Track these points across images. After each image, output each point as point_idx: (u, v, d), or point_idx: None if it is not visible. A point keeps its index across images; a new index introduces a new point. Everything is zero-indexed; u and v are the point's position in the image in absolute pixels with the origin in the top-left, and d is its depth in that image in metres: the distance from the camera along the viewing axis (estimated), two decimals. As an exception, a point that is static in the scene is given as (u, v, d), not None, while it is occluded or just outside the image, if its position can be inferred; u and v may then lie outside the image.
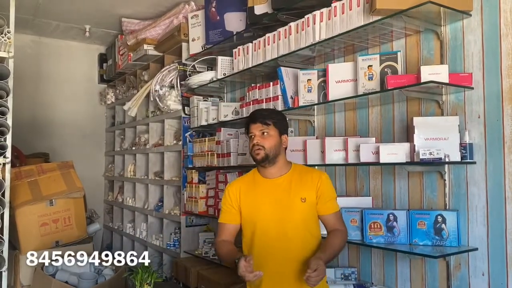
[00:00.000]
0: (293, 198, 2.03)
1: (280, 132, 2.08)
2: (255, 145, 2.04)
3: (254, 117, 2.09)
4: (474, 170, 2.15)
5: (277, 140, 2.06)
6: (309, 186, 2.04)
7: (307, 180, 2.06)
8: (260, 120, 2.06)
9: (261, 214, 2.05)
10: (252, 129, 2.07)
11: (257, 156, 2.04)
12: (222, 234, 2.14)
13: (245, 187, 2.14)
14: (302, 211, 2.02)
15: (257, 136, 2.05)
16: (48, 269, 2.73)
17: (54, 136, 5.40)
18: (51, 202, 3.24)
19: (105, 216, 5.76)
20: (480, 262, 2.13)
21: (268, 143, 2.03)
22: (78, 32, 5.20)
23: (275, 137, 2.06)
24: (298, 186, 2.05)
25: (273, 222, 2.02)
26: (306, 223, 2.04)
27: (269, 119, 2.06)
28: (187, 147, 3.83)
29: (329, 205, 2.05)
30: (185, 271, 3.59)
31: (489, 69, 2.10)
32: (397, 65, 2.33)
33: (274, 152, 2.05)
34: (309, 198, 2.03)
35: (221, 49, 3.58)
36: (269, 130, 2.05)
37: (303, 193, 2.03)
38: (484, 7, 2.13)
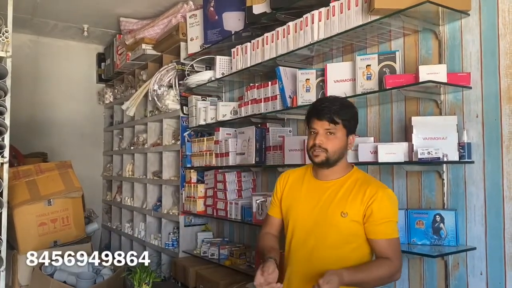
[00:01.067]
0: (333, 210, 1.76)
1: (348, 132, 1.79)
2: (316, 146, 1.75)
3: (321, 112, 1.75)
4: (472, 169, 2.15)
5: (343, 142, 1.78)
6: (358, 200, 1.74)
7: (360, 192, 1.75)
8: (327, 117, 1.74)
9: (298, 217, 1.85)
10: (316, 124, 1.77)
11: (316, 158, 1.77)
12: (267, 226, 2.00)
13: (294, 181, 1.93)
14: (338, 227, 1.74)
15: (320, 135, 1.75)
16: (47, 269, 2.73)
17: (52, 136, 5.39)
18: (49, 202, 3.24)
19: (104, 216, 5.75)
20: (478, 262, 2.13)
21: (332, 145, 1.75)
22: (76, 31, 5.19)
23: (342, 138, 1.77)
24: (345, 197, 1.76)
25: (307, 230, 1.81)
26: (339, 241, 1.75)
27: (339, 116, 1.74)
28: (186, 147, 3.83)
29: (380, 229, 1.71)
30: (183, 270, 3.59)
31: (487, 68, 2.11)
32: (396, 65, 2.33)
33: (338, 156, 1.78)
34: (352, 214, 1.73)
35: (219, 49, 3.58)
36: (336, 131, 1.75)
37: (347, 206, 1.74)
38: (482, 7, 2.14)
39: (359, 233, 1.75)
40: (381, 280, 1.69)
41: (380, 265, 1.71)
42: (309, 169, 1.93)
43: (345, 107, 1.80)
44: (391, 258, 1.71)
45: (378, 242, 1.72)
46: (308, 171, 1.92)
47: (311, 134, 1.80)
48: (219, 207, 3.43)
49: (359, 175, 1.84)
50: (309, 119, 1.81)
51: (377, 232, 1.72)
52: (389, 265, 1.70)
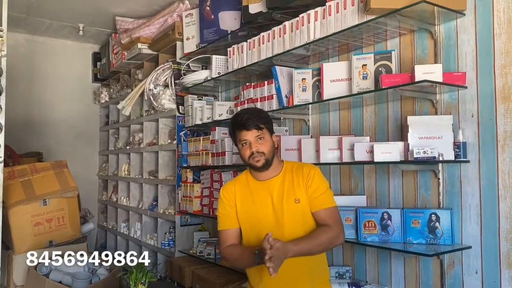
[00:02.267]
0: (287, 200, 1.97)
1: (271, 133, 2.04)
2: (255, 153, 1.95)
3: (247, 124, 1.96)
4: (468, 169, 2.16)
5: (271, 142, 2.02)
6: (300, 184, 1.98)
7: (298, 178, 1.99)
8: (254, 126, 1.96)
9: (259, 220, 2.00)
10: (245, 136, 1.97)
11: (258, 163, 1.96)
12: (226, 241, 2.05)
13: (241, 191, 2.07)
14: (297, 212, 1.96)
15: (254, 143, 1.96)
16: (42, 269, 2.72)
17: (48, 136, 5.37)
18: (44, 201, 3.22)
19: (99, 216, 5.74)
20: (473, 260, 2.14)
21: (266, 147, 1.97)
22: (72, 30, 5.17)
23: (269, 139, 2.01)
24: (290, 186, 1.99)
25: (271, 226, 1.95)
26: (303, 224, 1.97)
27: (261, 122, 1.98)
28: (182, 146, 3.82)
29: (319, 200, 1.96)
30: (179, 270, 3.58)
31: (483, 68, 2.11)
32: (391, 64, 2.34)
33: (272, 155, 2.00)
34: (302, 198, 1.97)
35: (215, 48, 3.57)
36: (263, 134, 1.98)
37: (296, 193, 1.97)
38: (477, 6, 2.14)
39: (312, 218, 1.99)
40: (323, 245, 1.90)
41: (320, 232, 1.91)
42: (248, 175, 2.11)
43: (260, 113, 2.08)
44: (330, 224, 1.92)
45: (319, 212, 1.96)
46: (248, 177, 2.10)
47: (243, 146, 2.00)
48: (215, 206, 3.42)
49: (291, 165, 2.08)
50: (237, 133, 2.01)
51: (317, 204, 1.96)
52: (329, 231, 1.91)
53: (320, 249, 1.91)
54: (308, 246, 1.85)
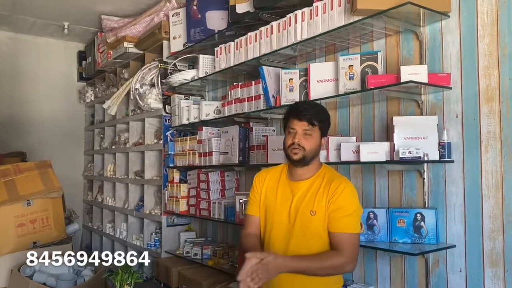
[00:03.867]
0: (304, 209, 1.89)
1: (322, 134, 1.93)
2: (295, 144, 1.87)
3: (300, 114, 1.89)
4: (452, 168, 2.19)
5: (318, 143, 1.91)
6: (324, 196, 1.86)
7: (324, 190, 1.87)
8: (307, 119, 1.87)
9: (273, 217, 1.96)
10: (295, 125, 1.89)
11: (295, 156, 1.88)
12: (248, 226, 2.04)
13: (270, 181, 2.03)
14: (309, 224, 1.86)
15: (299, 135, 1.88)
16: (25, 270, 2.68)
17: (32, 135, 5.29)
18: (28, 202, 3.17)
19: (84, 216, 5.68)
20: (457, 259, 2.17)
21: (309, 145, 1.88)
22: (56, 29, 5.11)
23: (317, 139, 1.91)
24: (313, 196, 1.89)
25: (282, 228, 1.92)
26: (312, 238, 1.87)
27: (316, 119, 1.89)
28: (168, 146, 3.80)
29: (339, 222, 1.82)
30: (166, 271, 3.56)
31: (467, 69, 2.14)
32: (378, 65, 2.36)
33: (313, 155, 1.91)
34: (319, 211, 1.85)
35: (202, 48, 3.56)
36: (313, 132, 1.89)
37: (315, 204, 1.87)
38: (462, 8, 2.17)
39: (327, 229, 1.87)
40: (326, 270, 1.80)
41: (328, 256, 1.81)
42: (284, 169, 2.04)
43: (322, 111, 1.96)
44: (343, 251, 1.79)
45: (335, 234, 1.83)
46: (283, 172, 2.03)
47: (289, 133, 1.92)
48: (202, 206, 3.42)
49: (327, 173, 1.96)
50: (288, 119, 1.94)
51: (336, 225, 1.83)
52: (338, 257, 1.79)
53: (322, 273, 1.82)
54: (308, 266, 1.78)
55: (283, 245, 1.90)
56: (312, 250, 1.86)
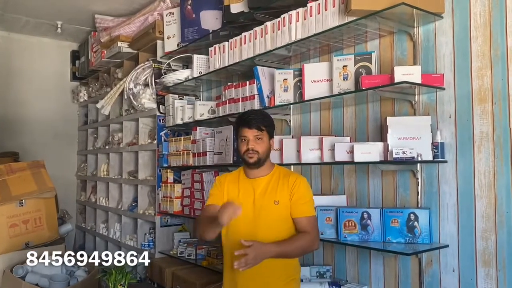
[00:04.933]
0: (267, 200, 2.11)
1: (270, 136, 2.18)
2: (249, 150, 2.11)
3: (250, 122, 2.13)
4: (446, 169, 2.20)
5: (268, 145, 2.17)
6: (284, 189, 2.11)
7: (284, 183, 2.12)
8: (255, 126, 2.12)
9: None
10: (246, 133, 2.13)
11: (250, 159, 2.12)
12: (206, 213, 2.17)
13: (230, 183, 2.23)
14: (274, 213, 2.09)
15: (251, 141, 2.12)
16: (18, 271, 2.66)
17: (24, 135, 5.25)
18: (21, 202, 3.16)
19: (78, 217, 5.65)
20: (450, 259, 2.18)
21: (261, 148, 2.13)
22: (50, 28, 5.07)
23: (267, 142, 2.16)
24: (274, 188, 2.13)
25: (246, 221, 2.08)
26: (277, 224, 2.10)
27: (263, 125, 2.14)
28: (162, 146, 3.79)
29: (302, 208, 2.10)
30: (160, 271, 3.55)
31: (460, 70, 2.16)
32: (371, 66, 2.36)
33: (266, 156, 2.16)
34: (282, 201, 2.10)
35: (197, 47, 3.56)
36: (262, 136, 2.14)
37: (277, 195, 2.10)
38: (455, 10, 2.19)
39: (289, 216, 2.11)
40: (301, 249, 2.08)
41: (300, 238, 2.07)
42: (241, 171, 2.26)
43: (266, 117, 2.21)
44: (309, 231, 2.07)
45: (300, 219, 2.10)
46: (241, 173, 2.25)
47: (242, 141, 2.16)
48: (196, 207, 3.41)
49: (281, 170, 2.22)
50: (239, 129, 2.18)
51: (299, 211, 2.10)
52: (308, 237, 2.06)
53: (297, 252, 2.10)
54: (288, 249, 2.01)
55: (249, 235, 2.05)
56: (280, 233, 2.08)
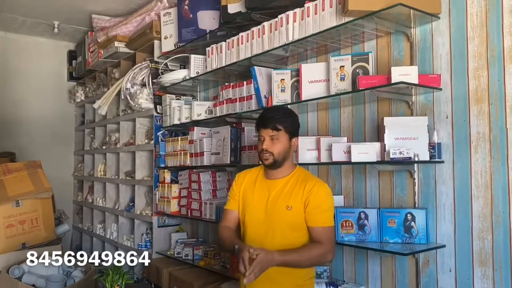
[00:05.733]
0: (280, 204, 2.02)
1: (290, 136, 2.05)
2: (264, 151, 2.01)
3: (265, 121, 2.03)
4: (442, 169, 2.21)
5: (286, 145, 2.03)
6: (300, 194, 2.00)
7: (300, 188, 2.01)
8: (271, 126, 2.01)
9: (251, 213, 2.09)
10: (262, 132, 2.04)
11: (266, 161, 2.04)
12: (226, 220, 2.18)
13: (248, 180, 2.17)
14: (285, 219, 2.00)
15: (267, 141, 2.02)
16: (14, 271, 2.65)
17: (21, 135, 5.24)
18: (17, 202, 3.14)
19: (75, 217, 5.64)
20: (447, 259, 2.19)
21: (277, 149, 2.01)
22: (46, 28, 5.06)
23: (285, 142, 2.03)
24: (289, 192, 2.02)
25: (257, 225, 2.06)
26: (288, 231, 2.00)
27: (280, 123, 2.01)
28: (159, 146, 3.78)
29: (317, 218, 1.97)
30: (157, 272, 3.55)
31: (457, 70, 2.16)
32: (368, 66, 2.37)
33: (283, 157, 2.04)
34: (295, 206, 1.99)
35: (194, 48, 3.55)
36: (279, 136, 2.02)
37: (291, 200, 2.00)
38: (452, 10, 2.19)
39: (302, 223, 2.01)
40: (312, 260, 1.96)
41: (311, 248, 1.95)
42: (261, 170, 2.19)
43: (286, 115, 2.08)
44: (323, 242, 1.94)
45: (314, 229, 1.97)
46: (260, 172, 2.18)
47: (259, 140, 2.07)
48: (194, 207, 3.41)
49: (300, 173, 2.10)
50: (257, 128, 2.10)
51: (314, 220, 1.97)
52: (320, 248, 1.94)
53: (308, 264, 1.98)
54: (296, 259, 1.90)
55: (260, 238, 2.01)
56: (290, 240, 1.99)
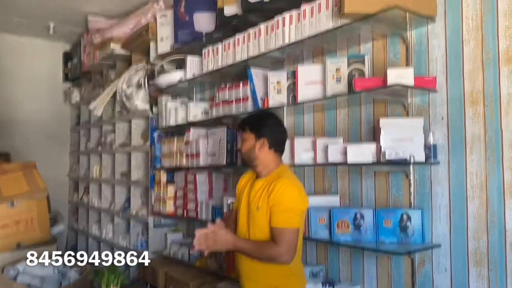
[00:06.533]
0: (254, 204, 2.10)
1: (257, 135, 2.14)
2: (238, 151, 2.22)
3: (239, 124, 2.24)
4: (438, 170, 2.23)
5: (251, 145, 2.14)
6: (266, 194, 2.05)
7: (269, 188, 2.06)
8: (241, 127, 2.21)
9: (240, 212, 2.21)
10: (239, 135, 2.23)
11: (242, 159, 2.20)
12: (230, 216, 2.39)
13: (246, 181, 2.27)
14: (256, 218, 2.08)
15: (240, 142, 2.24)
16: (9, 272, 2.64)
17: (16, 136, 5.23)
18: (12, 203, 3.13)
19: (70, 217, 5.63)
20: (443, 258, 2.20)
21: (244, 148, 2.18)
22: (42, 29, 5.04)
23: (251, 142, 2.14)
24: (260, 192, 2.09)
25: (243, 219, 2.17)
26: (256, 231, 2.08)
27: (246, 124, 2.18)
28: (155, 147, 3.78)
29: (273, 218, 2.01)
30: (152, 272, 3.54)
31: (452, 73, 2.19)
32: (365, 68, 2.38)
33: (249, 156, 2.17)
34: (263, 207, 2.05)
35: (190, 49, 3.55)
36: (246, 136, 2.17)
37: (260, 201, 2.07)
38: (447, 13, 2.22)
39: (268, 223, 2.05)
40: (261, 256, 2.01)
41: (265, 246, 2.01)
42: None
43: (255, 117, 2.24)
44: (277, 243, 1.98)
45: (271, 228, 2.03)
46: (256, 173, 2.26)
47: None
48: (190, 207, 3.41)
49: (279, 173, 2.12)
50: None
51: (271, 220, 2.02)
52: (273, 249, 1.98)
53: (258, 258, 2.03)
54: (248, 249, 2.03)
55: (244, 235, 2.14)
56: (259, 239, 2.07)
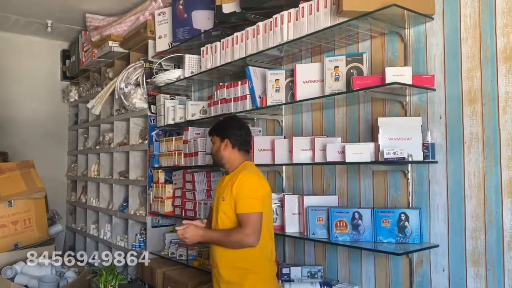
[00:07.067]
0: (220, 196, 2.28)
1: (221, 138, 2.34)
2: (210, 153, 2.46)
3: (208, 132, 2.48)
4: (436, 169, 2.22)
5: (218, 146, 2.35)
6: (230, 186, 2.22)
7: (232, 181, 2.23)
8: (209, 132, 2.46)
9: (213, 205, 2.42)
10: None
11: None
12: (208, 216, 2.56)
13: (221, 180, 2.41)
14: (222, 209, 2.25)
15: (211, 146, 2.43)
16: (7, 272, 2.64)
17: (14, 135, 5.20)
18: (10, 203, 3.12)
19: (68, 217, 5.61)
20: (441, 258, 2.20)
21: (213, 150, 2.41)
22: (40, 27, 5.03)
23: (217, 144, 2.36)
24: (226, 186, 2.27)
25: (215, 213, 2.33)
26: (225, 220, 2.24)
27: (213, 130, 2.41)
28: (153, 146, 3.77)
29: (237, 205, 2.18)
30: (150, 272, 3.53)
31: (450, 71, 2.17)
32: (363, 66, 2.37)
33: (217, 157, 2.38)
34: (227, 198, 2.22)
35: (188, 47, 3.55)
36: (214, 140, 2.39)
37: (225, 192, 2.24)
38: (445, 11, 2.20)
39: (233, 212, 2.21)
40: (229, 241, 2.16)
41: (231, 231, 2.18)
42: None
43: (220, 122, 2.48)
44: (242, 227, 2.14)
45: (237, 215, 2.19)
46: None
47: None
48: (188, 207, 3.41)
49: (243, 168, 2.29)
50: None
51: (236, 207, 2.18)
52: (238, 232, 2.14)
53: (227, 244, 2.18)
54: (216, 238, 2.23)
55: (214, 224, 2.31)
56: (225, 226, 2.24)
